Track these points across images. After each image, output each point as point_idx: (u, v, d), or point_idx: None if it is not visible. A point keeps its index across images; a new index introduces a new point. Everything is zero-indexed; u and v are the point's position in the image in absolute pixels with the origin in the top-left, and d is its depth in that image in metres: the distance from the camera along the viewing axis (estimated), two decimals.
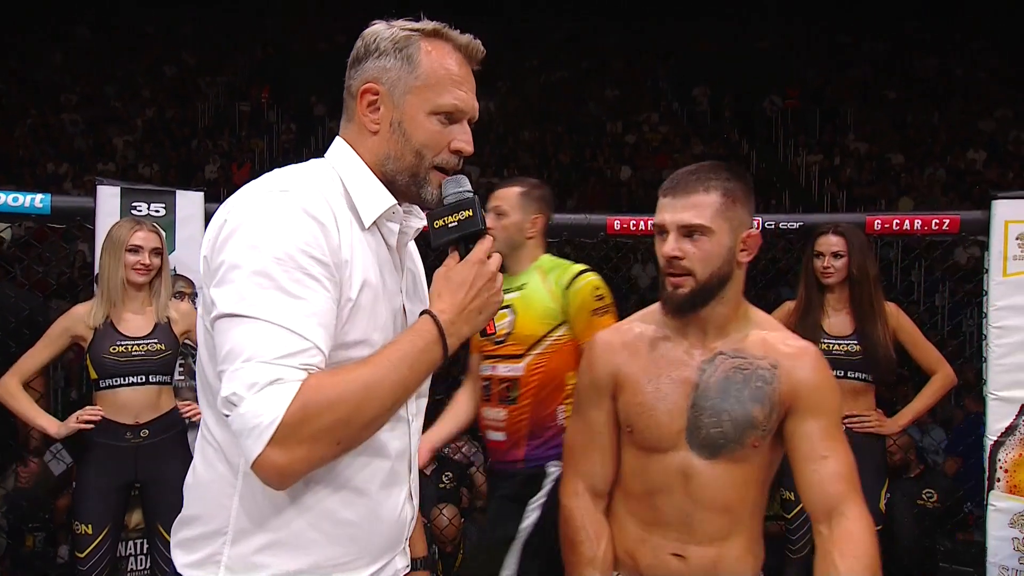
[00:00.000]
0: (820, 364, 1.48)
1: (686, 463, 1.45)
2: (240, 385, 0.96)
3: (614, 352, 1.55)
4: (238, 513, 1.08)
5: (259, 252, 1.00)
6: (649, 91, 16.99)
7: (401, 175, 1.15)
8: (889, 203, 11.81)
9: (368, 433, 1.06)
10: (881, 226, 3.13)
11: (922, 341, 2.94)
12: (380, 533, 1.15)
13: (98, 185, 2.85)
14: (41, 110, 14.46)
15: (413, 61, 1.13)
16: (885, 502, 2.97)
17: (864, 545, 1.35)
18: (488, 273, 1.12)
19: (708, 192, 1.42)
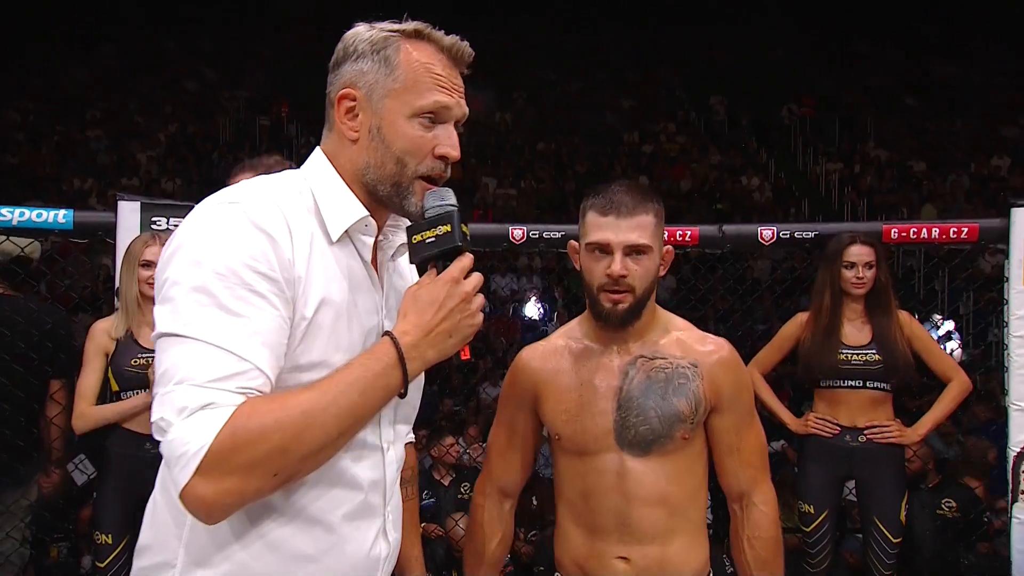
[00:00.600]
0: (735, 361, 1.59)
1: (618, 463, 1.51)
2: (169, 410, 0.90)
3: (535, 366, 1.61)
4: (187, 544, 1.01)
5: (200, 268, 0.94)
6: (666, 101, 17.00)
7: (383, 184, 1.08)
8: (911, 211, 11.69)
9: (312, 464, 0.97)
10: (898, 235, 3.10)
11: (936, 349, 2.92)
12: (342, 570, 1.06)
13: (119, 200, 2.90)
14: (66, 127, 14.75)
15: (392, 63, 1.06)
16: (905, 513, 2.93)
17: (769, 529, 1.56)
18: (462, 293, 1.03)
19: (647, 213, 1.49)
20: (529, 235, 3.19)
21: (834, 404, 2.91)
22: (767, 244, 3.15)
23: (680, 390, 1.51)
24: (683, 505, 1.53)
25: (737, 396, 1.56)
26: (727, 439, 1.56)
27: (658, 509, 1.50)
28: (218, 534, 1.00)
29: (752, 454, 1.58)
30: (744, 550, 1.57)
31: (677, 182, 13.56)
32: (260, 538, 1.01)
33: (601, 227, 1.48)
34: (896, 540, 2.88)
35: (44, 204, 3.53)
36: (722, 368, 1.54)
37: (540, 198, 13.17)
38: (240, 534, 1.00)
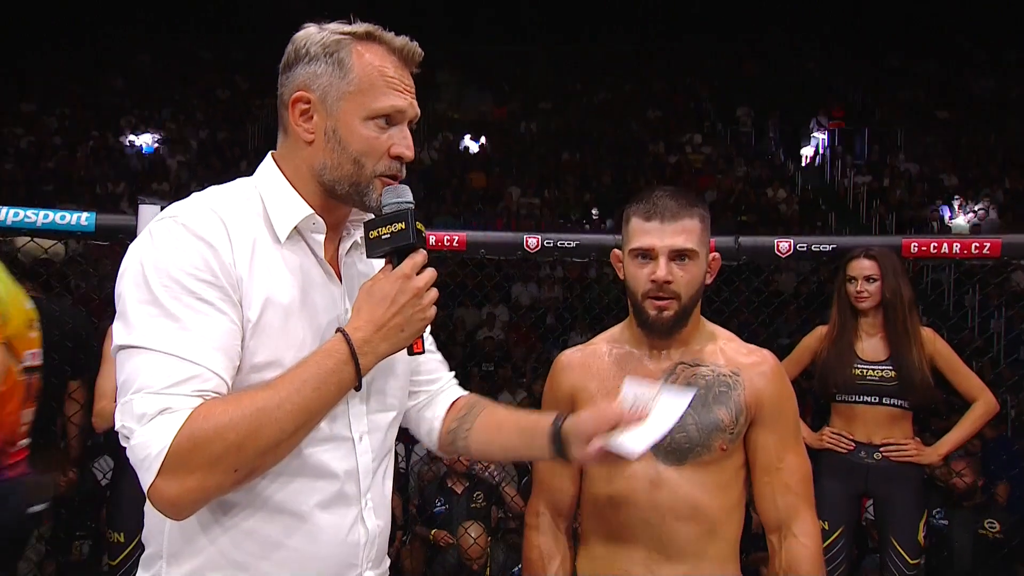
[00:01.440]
0: (779, 373, 1.51)
1: (652, 471, 1.44)
2: (130, 417, 0.95)
3: (572, 370, 1.57)
4: (170, 536, 1.07)
5: (147, 281, 0.98)
6: (692, 112, 16.93)
7: (340, 184, 1.11)
8: (942, 225, 11.49)
9: (271, 458, 1.01)
10: (918, 249, 3.03)
11: (961, 367, 2.84)
12: (320, 556, 1.09)
13: (140, 204, 2.94)
14: (102, 132, 15.10)
15: (345, 66, 1.09)
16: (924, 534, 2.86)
17: (810, 564, 1.42)
18: (413, 288, 1.06)
19: (692, 217, 1.44)
20: (544, 244, 3.18)
21: (850, 419, 2.86)
22: (784, 256, 3.11)
23: (720, 398, 1.45)
24: (717, 522, 1.44)
25: (780, 410, 1.48)
26: (766, 456, 1.47)
27: (691, 524, 1.42)
28: (196, 525, 1.05)
29: (793, 478, 1.46)
30: None
31: (702, 193, 13.48)
32: (235, 527, 1.05)
33: (645, 232, 1.44)
34: (913, 561, 2.81)
35: (78, 207, 3.61)
36: (765, 379, 1.48)
37: (564, 207, 13.17)
38: (217, 524, 1.05)
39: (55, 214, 2.79)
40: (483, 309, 9.72)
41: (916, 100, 15.88)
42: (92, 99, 16.32)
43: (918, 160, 13.79)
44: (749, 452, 1.49)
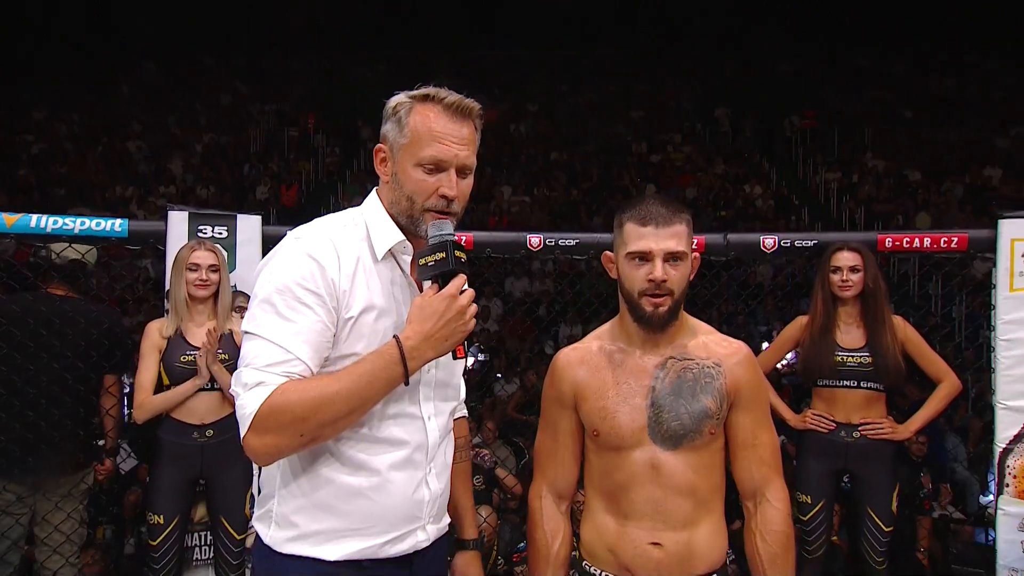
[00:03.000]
0: (752, 362, 1.63)
1: (652, 456, 1.55)
2: (238, 384, 1.22)
3: (573, 368, 1.65)
4: (280, 483, 1.32)
5: (269, 285, 1.25)
6: (673, 112, 17.00)
7: (401, 216, 1.34)
8: (907, 219, 11.64)
9: (331, 431, 1.23)
10: (892, 243, 3.15)
11: (928, 351, 2.95)
12: (392, 507, 1.31)
13: (168, 211, 3.00)
14: (111, 137, 14.99)
15: (403, 123, 1.32)
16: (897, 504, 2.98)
17: (781, 524, 1.58)
18: (458, 307, 1.26)
19: (681, 223, 1.54)
20: (546, 242, 3.26)
21: (831, 402, 2.96)
22: (769, 252, 3.21)
23: (707, 388, 1.56)
24: (708, 496, 1.57)
25: (754, 395, 1.60)
26: (743, 434, 1.59)
27: (687, 499, 1.54)
28: (299, 476, 1.30)
29: (766, 451, 1.61)
30: (756, 544, 1.58)
31: (683, 190, 13.56)
32: (327, 479, 1.29)
33: (642, 236, 1.53)
34: (888, 529, 2.93)
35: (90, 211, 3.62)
36: (742, 368, 1.59)
37: (553, 205, 13.22)
38: (315, 476, 1.29)
39: (91, 221, 2.85)
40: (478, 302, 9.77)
41: (883, 100, 16.02)
42: (101, 105, 16.19)
43: (885, 157, 13.94)
44: (728, 432, 1.62)
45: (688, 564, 1.54)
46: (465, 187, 1.35)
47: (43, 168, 13.87)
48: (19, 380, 2.81)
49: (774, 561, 1.55)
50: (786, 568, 1.56)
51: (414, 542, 1.35)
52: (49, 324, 2.86)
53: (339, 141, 15.56)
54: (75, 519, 2.96)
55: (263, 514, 1.36)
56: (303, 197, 13.69)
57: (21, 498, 2.86)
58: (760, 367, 3.09)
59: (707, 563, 1.56)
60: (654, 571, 1.54)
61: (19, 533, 2.88)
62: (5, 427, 2.78)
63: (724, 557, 1.61)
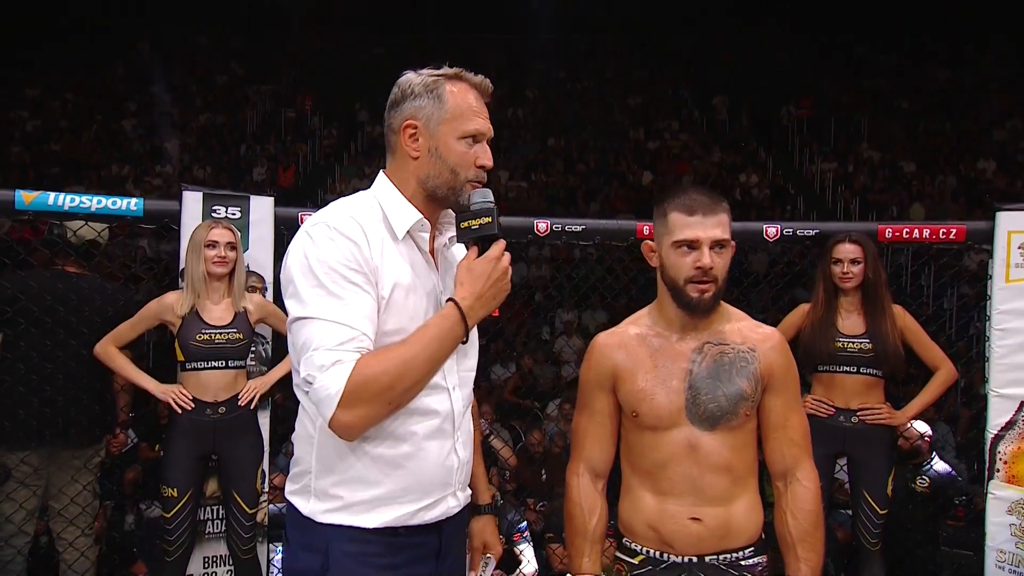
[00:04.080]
0: (785, 348, 1.69)
1: (690, 435, 1.61)
2: (312, 368, 1.24)
3: (612, 351, 1.70)
4: (317, 458, 1.37)
5: (312, 271, 1.28)
6: (671, 100, 17.00)
7: (441, 189, 1.39)
8: (901, 210, 11.74)
9: (412, 395, 1.30)
10: (892, 234, 3.21)
11: (926, 340, 3.03)
12: (426, 473, 1.37)
13: (183, 191, 3.03)
14: (105, 117, 14.88)
15: (442, 99, 1.37)
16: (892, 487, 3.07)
17: (811, 503, 1.63)
18: (502, 268, 1.34)
19: (724, 212, 1.60)
20: (553, 228, 3.31)
21: (830, 387, 3.03)
22: (771, 240, 3.27)
23: (742, 372, 1.61)
24: (743, 474, 1.63)
25: (785, 378, 1.66)
26: (775, 417, 1.65)
27: (724, 476, 1.60)
28: (336, 449, 1.35)
29: (797, 433, 1.66)
30: (787, 522, 1.62)
31: (679, 178, 13.61)
32: (365, 452, 1.35)
33: (689, 225, 1.58)
34: (883, 512, 3.01)
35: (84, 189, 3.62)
36: (775, 353, 1.65)
37: (550, 190, 13.26)
38: (352, 449, 1.34)
39: (107, 199, 2.88)
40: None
41: (879, 91, 16.08)
42: (95, 84, 16.04)
43: (880, 148, 14.03)
44: (760, 414, 1.67)
45: (727, 538, 1.61)
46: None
47: (37, 146, 13.78)
48: (36, 355, 2.85)
49: (804, 539, 1.60)
50: (815, 545, 1.61)
51: (445, 508, 1.42)
52: (66, 301, 2.90)
53: (336, 123, 15.51)
54: (89, 491, 3.02)
55: (300, 488, 1.40)
56: (300, 179, 13.67)
57: (37, 470, 2.91)
58: None
59: (744, 537, 1.63)
60: (695, 544, 1.60)
61: (35, 504, 2.94)
62: (23, 401, 2.83)
63: (760, 531, 1.66)
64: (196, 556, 2.96)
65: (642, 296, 8.61)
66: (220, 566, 3.05)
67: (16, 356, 2.86)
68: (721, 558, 1.61)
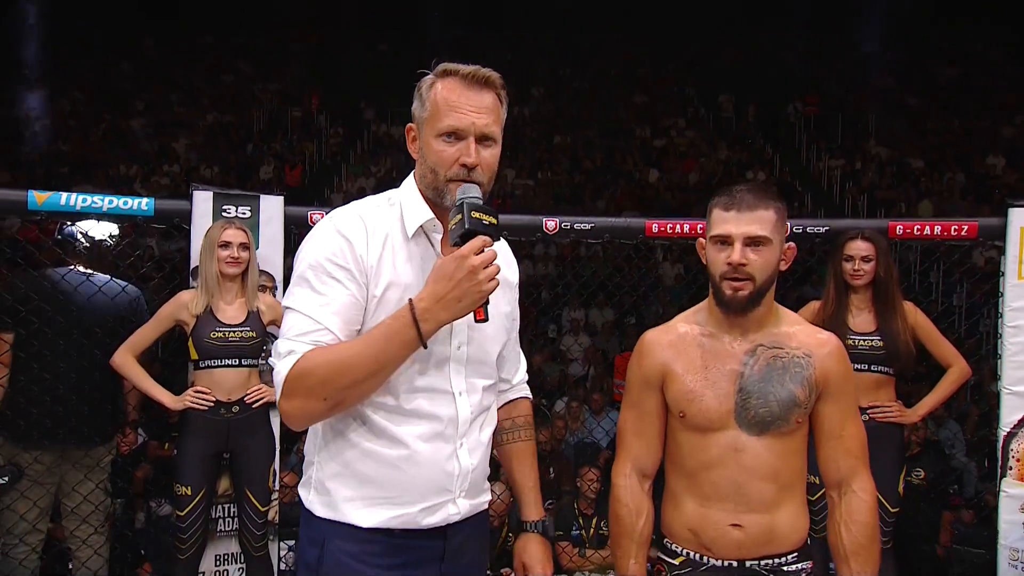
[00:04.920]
0: (843, 354, 1.64)
1: (737, 440, 1.57)
2: (275, 353, 1.30)
3: (662, 349, 1.67)
4: (318, 451, 1.39)
5: (303, 261, 1.32)
6: (677, 98, 16.96)
7: (428, 190, 1.37)
8: (909, 206, 11.68)
9: (354, 394, 1.27)
10: (903, 231, 3.20)
11: (938, 337, 3.01)
12: (421, 478, 1.35)
13: (193, 191, 3.04)
14: (113, 116, 14.93)
15: (425, 99, 1.36)
16: (904, 486, 3.06)
17: (866, 515, 1.58)
18: (469, 266, 1.21)
19: (767, 209, 1.56)
20: (561, 226, 3.30)
21: None
22: None
23: (796, 378, 1.56)
24: (790, 481, 1.59)
25: (843, 386, 1.60)
26: (830, 425, 1.60)
27: (769, 483, 1.56)
28: (335, 444, 1.37)
29: (854, 442, 1.61)
30: (840, 533, 1.57)
31: (686, 175, 13.59)
32: (360, 448, 1.35)
33: (724, 221, 1.56)
34: (894, 510, 2.99)
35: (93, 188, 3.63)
36: (832, 360, 1.60)
37: (556, 188, 13.25)
38: (349, 444, 1.36)
39: (119, 199, 2.89)
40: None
41: (886, 87, 16.01)
42: (102, 84, 16.09)
43: (888, 144, 13.96)
44: (815, 422, 1.62)
45: (769, 544, 1.58)
46: (489, 156, 1.35)
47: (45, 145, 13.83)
48: (49, 354, 2.87)
49: (858, 552, 1.56)
50: (869, 558, 1.57)
51: (446, 514, 1.38)
52: (77, 300, 2.91)
53: (342, 122, 15.52)
54: (101, 489, 3.04)
55: (305, 480, 1.42)
56: (307, 178, 13.68)
57: (50, 468, 2.93)
58: None
59: (788, 543, 1.59)
60: (735, 551, 1.58)
61: (48, 502, 2.96)
62: (36, 400, 2.85)
63: (805, 537, 1.63)
64: (208, 554, 2.98)
65: (650, 294, 8.70)
66: (232, 564, 3.06)
67: (29, 355, 2.88)
68: (763, 563, 1.59)
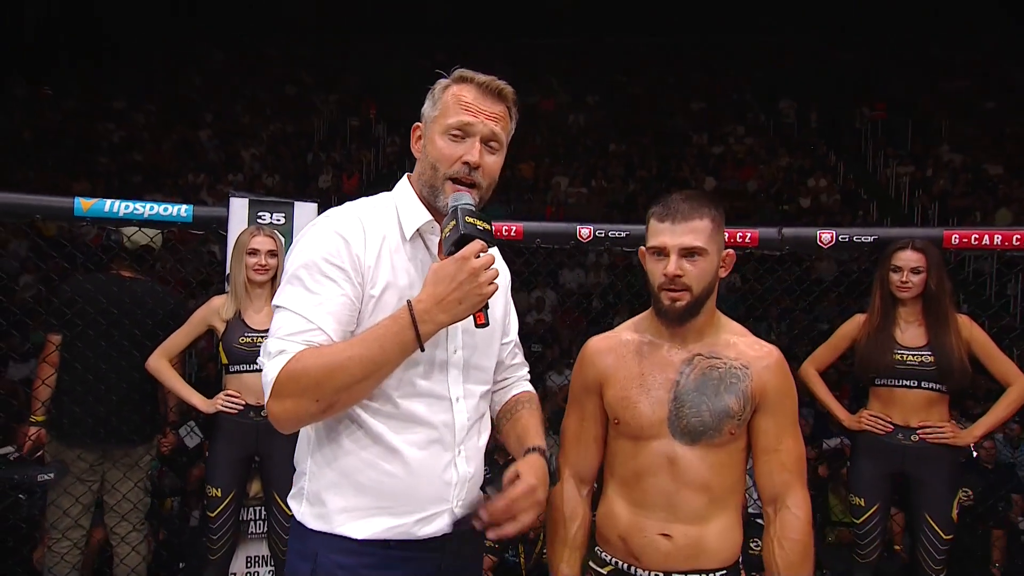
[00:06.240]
0: (782, 367, 1.60)
1: (670, 449, 1.56)
2: (264, 353, 1.25)
3: (601, 355, 1.67)
4: (313, 460, 1.35)
5: (298, 261, 1.29)
6: (735, 104, 16.58)
7: (425, 188, 1.36)
8: (985, 215, 11.07)
9: (347, 396, 1.22)
10: (959, 240, 3.01)
11: (996, 352, 2.81)
12: (417, 487, 1.31)
13: (230, 197, 3.12)
14: (183, 127, 15.60)
15: (437, 99, 1.37)
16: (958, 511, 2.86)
17: (799, 533, 1.54)
18: (470, 269, 1.21)
19: (702, 218, 1.53)
20: (595, 234, 3.24)
21: (889, 403, 2.86)
22: (826, 247, 3.11)
23: (731, 388, 1.55)
24: (723, 494, 1.56)
25: (781, 400, 1.58)
26: (766, 439, 1.58)
27: (701, 494, 1.54)
28: (329, 453, 1.33)
29: (789, 458, 1.58)
30: (774, 551, 1.55)
31: (744, 183, 13.24)
32: (356, 456, 1.31)
33: (659, 232, 1.55)
34: (947, 537, 2.81)
35: (164, 197, 3.79)
36: (770, 373, 1.57)
37: (610, 197, 13.11)
38: (343, 452, 1.32)
39: (159, 206, 2.98)
40: (532, 293, 9.82)
41: (960, 90, 15.24)
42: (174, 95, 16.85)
43: (962, 150, 13.27)
44: (752, 435, 1.60)
45: (696, 558, 1.55)
46: (492, 162, 1.35)
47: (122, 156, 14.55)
48: (92, 356, 2.98)
49: (790, 569, 1.53)
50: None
51: (442, 525, 1.35)
52: (120, 304, 3.02)
53: (399, 131, 15.79)
54: (141, 488, 3.13)
55: (296, 492, 1.39)
56: (364, 186, 13.96)
57: (92, 467, 3.04)
58: (814, 365, 3.02)
59: (717, 559, 1.56)
60: (662, 561, 1.55)
61: (90, 499, 3.07)
62: (80, 399, 2.96)
63: (737, 555, 1.60)
64: (239, 556, 3.03)
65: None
66: (262, 566, 3.10)
67: (73, 356, 2.99)
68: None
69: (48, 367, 3.02)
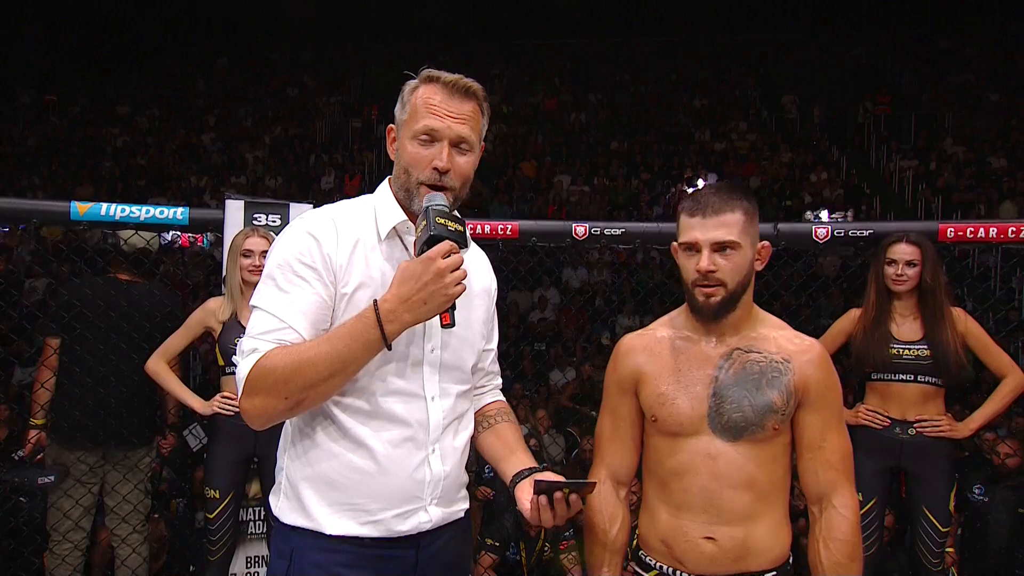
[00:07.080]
0: (825, 360, 1.55)
1: (710, 445, 1.51)
2: (239, 352, 1.29)
3: (635, 353, 1.63)
4: (288, 456, 1.38)
5: (271, 261, 1.32)
6: (738, 100, 16.54)
7: (400, 191, 1.38)
8: (989, 208, 11.01)
9: (314, 394, 1.23)
10: (954, 234, 2.99)
11: (991, 346, 2.80)
12: (389, 484, 1.32)
13: (226, 199, 3.13)
14: (186, 131, 15.66)
15: (406, 102, 1.38)
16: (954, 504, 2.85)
17: (847, 533, 1.49)
18: (436, 270, 1.21)
19: (734, 211, 1.49)
20: (591, 232, 3.24)
21: (885, 397, 2.85)
22: (822, 242, 3.11)
23: (773, 383, 1.51)
24: (769, 491, 1.51)
25: (825, 395, 1.53)
26: (810, 435, 1.53)
27: (745, 493, 1.49)
28: (305, 448, 1.35)
29: (835, 455, 1.52)
30: (819, 552, 1.50)
31: (747, 179, 13.21)
32: (330, 452, 1.33)
33: (690, 227, 1.51)
34: (945, 529, 2.80)
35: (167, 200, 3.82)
36: (813, 367, 1.53)
37: (613, 195, 13.10)
38: (318, 448, 1.33)
39: (155, 209, 2.99)
40: (535, 292, 9.82)
41: (965, 84, 15.15)
42: (178, 100, 16.92)
43: (966, 143, 13.20)
44: (796, 431, 1.54)
45: (743, 560, 1.49)
46: (463, 163, 1.35)
47: (126, 160, 14.63)
48: (91, 359, 3.00)
49: (837, 570, 1.47)
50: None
51: (416, 522, 1.35)
52: (118, 307, 3.03)
53: None
54: (140, 490, 3.14)
55: (275, 487, 1.41)
56: (366, 186, 13.99)
57: (93, 469, 3.05)
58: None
59: (766, 559, 1.50)
60: (707, 566, 1.50)
61: (90, 501, 3.08)
62: (79, 402, 2.97)
63: (786, 554, 1.54)
64: (239, 556, 3.04)
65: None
66: (262, 566, 3.11)
67: (72, 359, 3.01)
68: None
69: (47, 370, 3.04)
